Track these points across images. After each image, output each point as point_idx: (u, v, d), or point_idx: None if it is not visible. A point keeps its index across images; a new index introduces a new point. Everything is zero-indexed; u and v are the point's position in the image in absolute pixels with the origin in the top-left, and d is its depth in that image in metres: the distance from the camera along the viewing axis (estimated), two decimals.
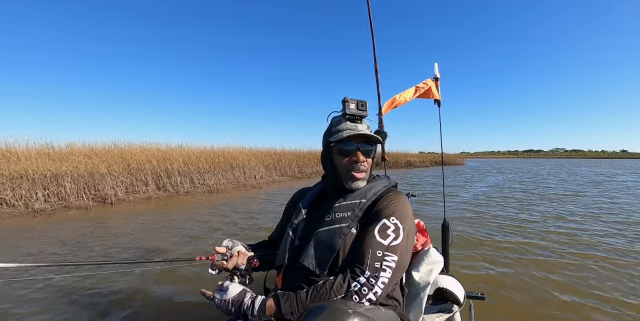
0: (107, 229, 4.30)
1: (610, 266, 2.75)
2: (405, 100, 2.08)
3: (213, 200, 7.11)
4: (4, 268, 0.68)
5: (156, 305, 2.10)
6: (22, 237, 3.92)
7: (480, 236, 3.76)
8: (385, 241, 0.83)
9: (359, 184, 0.96)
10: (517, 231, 4.02)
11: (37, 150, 7.35)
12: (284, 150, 13.49)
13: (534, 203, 6.28)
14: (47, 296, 2.24)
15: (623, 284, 2.40)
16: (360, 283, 0.76)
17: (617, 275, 2.57)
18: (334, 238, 0.87)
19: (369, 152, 0.97)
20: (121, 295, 2.24)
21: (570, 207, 5.78)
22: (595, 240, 3.57)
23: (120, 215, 5.43)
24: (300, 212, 1.01)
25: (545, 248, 3.29)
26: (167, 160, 8.50)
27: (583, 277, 2.53)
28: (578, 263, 2.84)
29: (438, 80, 2.16)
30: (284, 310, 0.75)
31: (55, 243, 3.56)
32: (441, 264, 1.20)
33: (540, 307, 2.04)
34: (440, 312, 1.11)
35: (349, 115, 0.96)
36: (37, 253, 3.25)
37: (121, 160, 7.78)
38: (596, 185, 9.86)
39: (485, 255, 3.03)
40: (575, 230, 4.05)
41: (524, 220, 4.71)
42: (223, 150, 10.83)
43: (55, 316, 1.97)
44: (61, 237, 3.84)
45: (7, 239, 3.80)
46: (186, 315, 1.97)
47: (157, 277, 2.53)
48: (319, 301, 0.75)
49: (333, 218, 0.91)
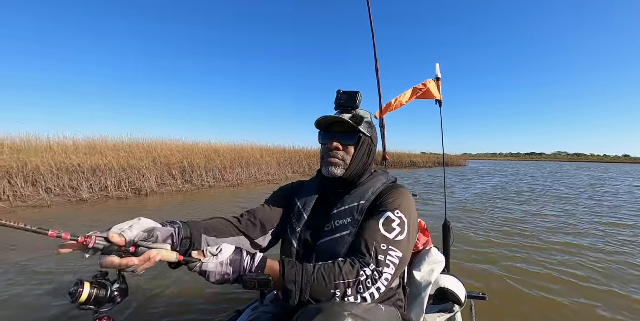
0: (148, 216, 4.41)
1: (611, 267, 2.59)
2: (401, 104, 1.97)
3: (236, 193, 7.23)
4: None
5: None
6: (77, 221, 4.09)
7: (480, 235, 3.62)
8: (390, 235, 0.74)
9: (333, 170, 0.86)
10: (518, 231, 3.84)
11: (82, 144, 7.66)
12: (294, 149, 13.43)
13: (533, 204, 6.01)
14: None
15: (623, 282, 2.25)
16: (366, 274, 0.67)
17: (619, 274, 2.42)
18: (337, 249, 0.79)
19: (348, 139, 0.87)
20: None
21: (568, 208, 5.49)
22: (601, 242, 3.37)
23: (154, 204, 5.62)
24: (301, 216, 0.89)
25: (547, 248, 3.13)
26: (190, 155, 8.57)
27: (585, 277, 2.38)
28: (579, 263, 2.68)
29: (440, 80, 2.04)
30: (288, 276, 0.64)
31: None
32: (442, 264, 1.13)
33: (542, 307, 1.93)
34: (442, 312, 1.04)
35: (336, 105, 0.90)
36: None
37: (146, 154, 7.85)
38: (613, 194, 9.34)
39: (487, 255, 2.90)
40: (577, 230, 3.83)
41: (524, 219, 4.51)
42: (240, 147, 10.91)
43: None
44: (108, 222, 3.97)
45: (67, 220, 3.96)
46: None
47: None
48: (326, 281, 0.65)
49: (333, 227, 0.82)
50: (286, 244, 0.89)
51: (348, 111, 0.89)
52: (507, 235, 3.66)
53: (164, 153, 8.18)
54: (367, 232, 0.75)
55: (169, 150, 8.51)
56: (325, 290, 0.64)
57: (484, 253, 2.95)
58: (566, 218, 4.65)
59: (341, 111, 0.90)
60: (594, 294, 2.10)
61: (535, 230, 3.89)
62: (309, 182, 1.01)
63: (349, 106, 0.88)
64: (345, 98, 0.88)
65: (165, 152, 8.25)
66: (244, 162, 9.73)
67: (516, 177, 14.45)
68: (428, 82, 2.01)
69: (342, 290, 0.65)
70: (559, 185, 10.57)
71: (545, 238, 3.49)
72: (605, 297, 2.04)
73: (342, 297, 0.64)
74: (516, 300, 2.02)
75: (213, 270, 0.61)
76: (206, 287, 2.15)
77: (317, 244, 0.82)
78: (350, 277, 0.66)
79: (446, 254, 1.69)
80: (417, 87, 2.00)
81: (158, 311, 1.89)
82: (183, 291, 2.15)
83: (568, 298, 2.05)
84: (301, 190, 0.98)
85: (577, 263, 2.68)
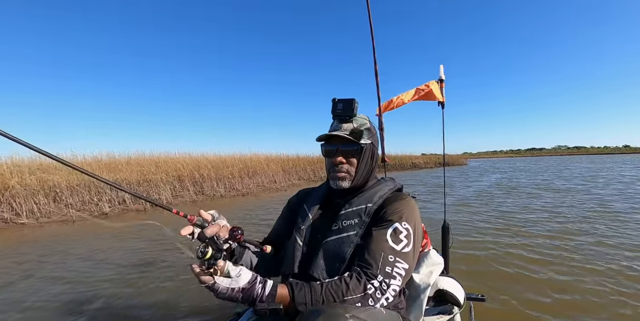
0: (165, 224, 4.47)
1: (612, 266, 2.48)
2: (403, 102, 1.90)
3: (246, 202, 7.24)
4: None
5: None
6: (100, 235, 4.14)
7: (480, 235, 3.53)
8: (397, 247, 0.73)
9: (340, 184, 0.85)
10: (518, 231, 3.72)
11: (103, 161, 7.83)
12: (298, 156, 13.46)
13: (533, 202, 5.86)
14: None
15: (625, 284, 2.13)
16: (374, 287, 0.67)
17: (621, 272, 2.31)
18: (342, 248, 0.78)
19: (350, 151, 0.85)
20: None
21: (567, 205, 5.32)
22: (604, 243, 3.24)
23: (170, 215, 5.65)
24: (307, 217, 0.89)
25: (547, 248, 3.03)
26: (198, 167, 8.64)
27: (585, 277, 2.28)
28: (579, 263, 2.58)
29: (443, 82, 1.95)
30: (298, 299, 0.63)
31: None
32: (441, 266, 1.10)
33: (541, 308, 1.84)
34: (441, 314, 1.01)
35: (333, 114, 0.87)
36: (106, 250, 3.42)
37: (156, 168, 7.91)
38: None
39: (487, 256, 2.80)
40: (578, 230, 3.69)
41: (524, 218, 4.39)
42: (246, 157, 10.96)
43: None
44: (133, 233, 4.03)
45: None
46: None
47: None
48: (334, 298, 0.64)
49: (340, 226, 0.81)
50: (291, 242, 0.88)
51: (346, 120, 0.86)
52: (507, 234, 3.56)
53: (174, 166, 8.29)
54: (375, 242, 0.74)
55: (178, 162, 8.62)
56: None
57: (483, 253, 2.86)
58: (567, 218, 4.50)
59: (339, 121, 0.87)
60: (596, 294, 2.01)
61: (535, 229, 3.76)
62: (317, 188, 1.00)
63: (347, 115, 0.85)
64: (342, 106, 0.85)
65: (176, 165, 8.35)
66: (250, 171, 9.78)
67: (514, 173, 14.21)
68: (431, 83, 1.94)
69: (350, 305, 0.64)
70: (558, 178, 10.32)
71: (545, 238, 3.38)
72: (610, 298, 1.94)
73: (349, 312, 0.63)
74: (516, 301, 1.93)
75: (223, 292, 0.61)
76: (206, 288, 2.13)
77: (322, 242, 0.81)
78: (357, 292, 0.65)
79: (445, 256, 1.64)
80: (419, 88, 1.93)
81: (158, 311, 1.87)
82: (183, 292, 2.13)
83: (568, 298, 1.96)
84: (307, 197, 0.97)
85: (579, 264, 2.57)
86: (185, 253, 2.71)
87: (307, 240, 0.85)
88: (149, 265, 2.78)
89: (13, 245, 3.79)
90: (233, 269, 0.62)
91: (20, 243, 3.89)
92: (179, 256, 2.95)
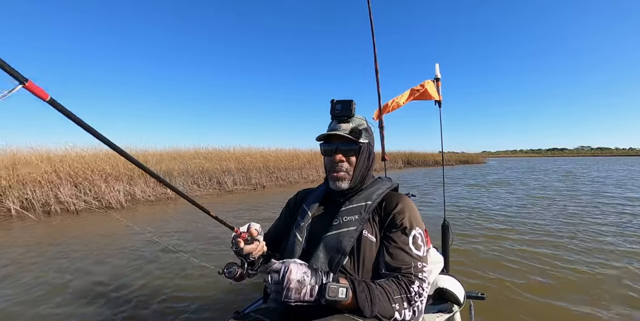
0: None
1: (613, 266, 2.33)
2: (398, 105, 1.87)
3: (264, 195, 7.39)
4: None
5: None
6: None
7: (480, 236, 3.37)
8: (420, 253, 0.78)
9: (339, 184, 0.85)
10: (518, 231, 3.52)
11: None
12: (312, 151, 13.37)
13: (534, 202, 5.56)
14: None
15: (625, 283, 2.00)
16: (414, 291, 0.71)
17: (621, 273, 2.18)
18: (343, 241, 0.78)
19: (349, 150, 0.85)
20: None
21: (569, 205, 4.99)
22: (608, 241, 3.03)
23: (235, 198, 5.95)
24: (306, 214, 0.89)
25: (548, 248, 2.87)
26: (221, 161, 9.03)
27: (584, 277, 2.17)
28: (580, 263, 2.43)
29: (439, 80, 1.91)
30: (359, 293, 0.65)
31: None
32: (441, 264, 1.08)
33: (541, 307, 1.76)
34: (441, 312, 0.98)
35: (332, 115, 0.87)
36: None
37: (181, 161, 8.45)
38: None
39: (486, 255, 2.69)
40: (578, 230, 3.46)
41: (524, 218, 4.18)
42: (267, 152, 11.11)
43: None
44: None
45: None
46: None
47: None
48: (388, 295, 0.68)
49: (340, 222, 0.82)
50: (289, 238, 0.89)
51: (345, 120, 0.87)
52: (508, 234, 3.39)
53: (196, 160, 8.63)
54: (402, 253, 0.77)
55: (202, 156, 8.95)
56: (387, 304, 0.67)
57: (483, 254, 2.75)
58: (566, 218, 4.20)
59: (338, 121, 0.88)
60: (594, 295, 1.90)
61: (535, 230, 3.55)
62: (316, 188, 1.01)
63: (345, 115, 0.86)
64: (341, 107, 0.86)
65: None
66: (266, 166, 9.89)
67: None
68: (426, 82, 1.89)
69: (400, 304, 0.69)
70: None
71: (546, 239, 3.19)
72: (610, 299, 1.82)
73: (399, 310, 0.68)
74: (515, 299, 1.86)
75: (294, 277, 0.61)
76: (206, 288, 2.11)
77: (323, 237, 0.82)
78: (402, 293, 0.70)
79: (445, 254, 1.59)
80: (414, 88, 1.89)
81: (157, 311, 1.84)
82: (183, 292, 2.09)
83: (568, 298, 1.86)
84: (306, 197, 0.99)
85: (578, 264, 2.42)
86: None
87: (307, 236, 0.86)
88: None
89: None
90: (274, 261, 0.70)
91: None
92: (179, 257, 2.82)
